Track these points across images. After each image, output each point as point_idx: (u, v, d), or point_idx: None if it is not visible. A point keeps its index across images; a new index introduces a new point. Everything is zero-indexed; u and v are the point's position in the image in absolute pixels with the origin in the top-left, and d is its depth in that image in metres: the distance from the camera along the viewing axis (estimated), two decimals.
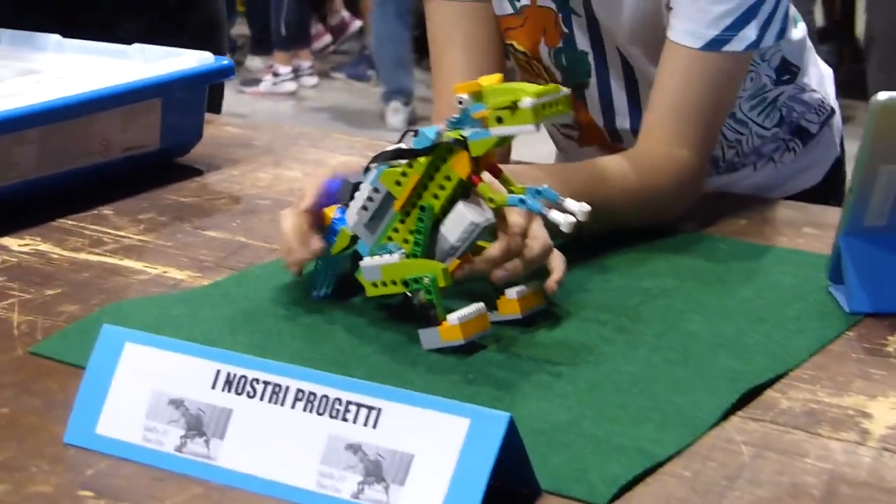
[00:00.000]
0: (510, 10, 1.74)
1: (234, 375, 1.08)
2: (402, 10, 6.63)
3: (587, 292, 1.42)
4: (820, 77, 1.89)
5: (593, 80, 1.76)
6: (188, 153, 1.89)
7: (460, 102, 1.24)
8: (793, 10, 1.73)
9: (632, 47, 1.69)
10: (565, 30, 1.72)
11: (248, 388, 1.08)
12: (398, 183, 1.28)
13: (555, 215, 1.22)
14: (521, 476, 1.04)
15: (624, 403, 1.18)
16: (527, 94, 1.20)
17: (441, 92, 1.74)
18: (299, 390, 1.06)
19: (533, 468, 1.03)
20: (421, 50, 6.94)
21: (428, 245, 1.29)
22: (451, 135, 1.26)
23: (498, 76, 1.27)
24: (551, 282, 1.35)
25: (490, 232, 1.29)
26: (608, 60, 1.74)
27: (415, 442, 1.01)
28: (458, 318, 1.26)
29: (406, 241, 1.29)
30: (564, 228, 1.21)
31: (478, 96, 1.24)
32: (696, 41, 1.58)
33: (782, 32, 1.63)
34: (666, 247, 1.55)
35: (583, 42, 1.73)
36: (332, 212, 1.36)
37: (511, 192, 1.27)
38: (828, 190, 1.88)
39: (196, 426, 1.08)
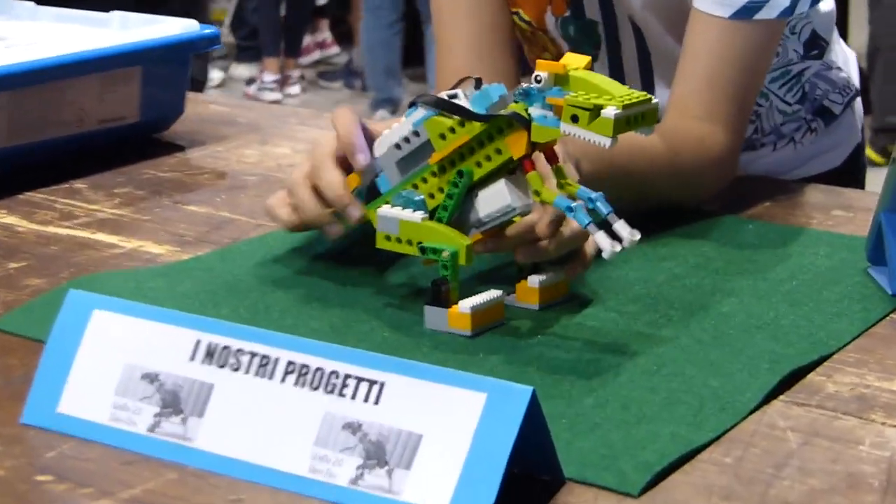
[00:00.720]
0: None
1: (216, 346, 0.96)
2: (393, 19, 6.54)
3: (605, 275, 1.29)
4: (845, 56, 1.78)
5: (603, 52, 1.65)
6: (169, 129, 1.77)
7: (538, 80, 1.11)
8: None
9: (648, 15, 1.58)
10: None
11: (231, 359, 0.95)
12: (443, 136, 1.16)
13: (601, 239, 1.08)
14: (544, 461, 0.91)
15: (654, 386, 1.06)
16: (614, 100, 1.07)
17: (444, 63, 1.62)
18: (290, 362, 0.94)
19: (557, 453, 0.91)
20: (405, 59, 6.89)
21: (456, 215, 1.17)
22: (516, 108, 1.13)
23: (586, 59, 1.13)
24: (576, 265, 1.22)
25: (522, 214, 1.17)
26: (619, 31, 1.62)
27: (423, 420, 0.88)
28: (471, 307, 1.15)
29: (432, 195, 1.18)
30: (606, 255, 1.08)
31: (560, 80, 1.11)
32: (725, 10, 1.46)
33: None
34: (688, 229, 1.42)
35: (592, 10, 1.61)
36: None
37: (561, 187, 1.14)
38: (848, 174, 1.76)
39: (172, 403, 0.96)
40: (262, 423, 0.93)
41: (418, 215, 1.16)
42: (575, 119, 1.07)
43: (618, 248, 1.07)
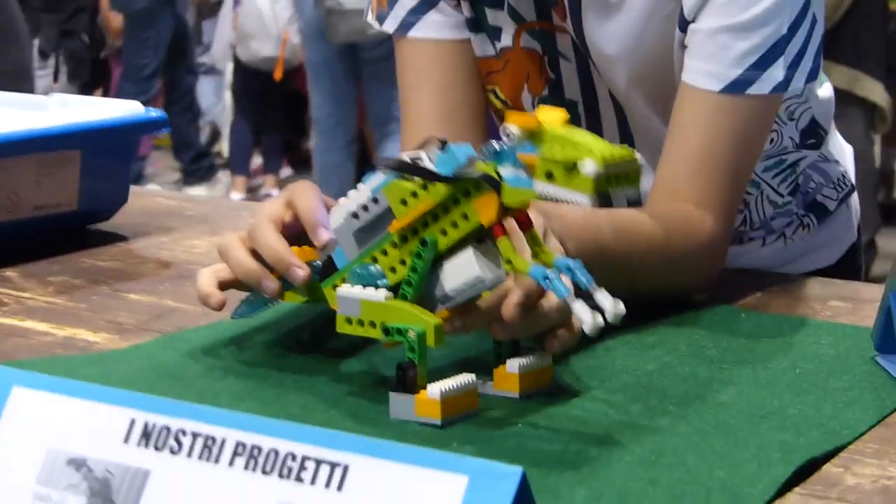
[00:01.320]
0: (491, 52, 1.51)
1: (154, 426, 0.83)
2: (348, 140, 6.46)
3: (588, 363, 1.17)
4: (841, 149, 1.68)
5: None
6: (110, 219, 1.64)
7: (508, 135, 0.99)
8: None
9: (633, 93, 1.47)
10: (552, 75, 1.51)
11: (171, 441, 0.82)
12: (404, 202, 1.03)
13: (581, 311, 0.96)
14: None
15: (654, 478, 0.93)
16: (593, 155, 0.96)
17: (409, 140, 1.50)
18: (239, 443, 0.80)
19: None
20: (358, 181, 6.81)
21: (422, 289, 1.04)
22: (485, 168, 1.00)
23: (563, 115, 1.03)
24: (555, 339, 1.09)
25: (494, 287, 1.04)
26: (601, 111, 1.52)
27: None
28: (441, 392, 1.02)
29: (393, 269, 1.05)
30: (588, 329, 0.95)
31: (533, 135, 1.00)
32: (716, 83, 1.36)
33: (814, 73, 1.41)
34: (677, 318, 1.30)
35: (572, 90, 1.51)
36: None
37: (536, 255, 1.02)
38: (843, 274, 1.64)
39: (102, 492, 0.82)
40: None
41: (381, 293, 1.03)
42: (550, 176, 0.97)
43: (601, 320, 0.95)
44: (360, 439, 0.78)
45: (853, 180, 1.68)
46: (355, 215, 1.06)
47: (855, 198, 1.69)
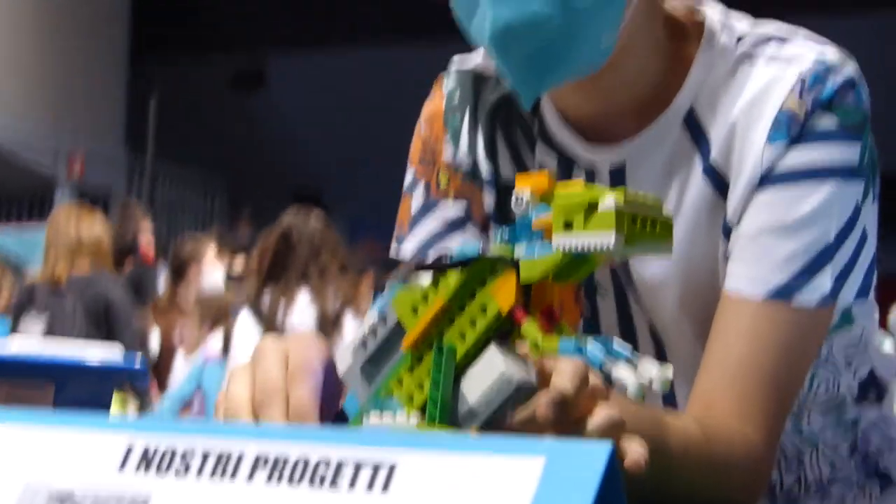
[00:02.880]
0: None
1: (156, 450, 0.69)
2: None
3: None
4: None
5: None
6: None
7: (518, 202, 0.87)
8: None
9: (682, 318, 1.36)
10: (588, 310, 1.42)
11: (176, 464, 0.68)
12: (415, 310, 0.90)
13: (622, 373, 0.83)
14: None
15: None
16: (614, 193, 0.84)
17: None
18: (259, 457, 0.67)
19: None
20: None
21: (450, 405, 0.89)
22: (498, 250, 0.88)
23: (579, 182, 0.94)
24: (633, 458, 0.90)
25: (526, 394, 0.89)
26: (639, 346, 1.41)
27: (454, 502, 0.61)
28: None
29: (412, 398, 0.90)
30: (632, 391, 0.82)
31: (546, 196, 0.86)
32: (760, 288, 1.27)
33: (864, 290, 1.32)
34: None
35: (609, 326, 1.42)
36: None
37: None
38: None
39: None
40: None
41: (413, 420, 0.89)
42: (569, 226, 0.84)
43: (644, 380, 0.82)
44: (406, 435, 0.66)
45: None
46: (363, 343, 0.93)
47: None
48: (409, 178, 1.51)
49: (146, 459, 0.69)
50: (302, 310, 4.84)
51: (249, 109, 15.49)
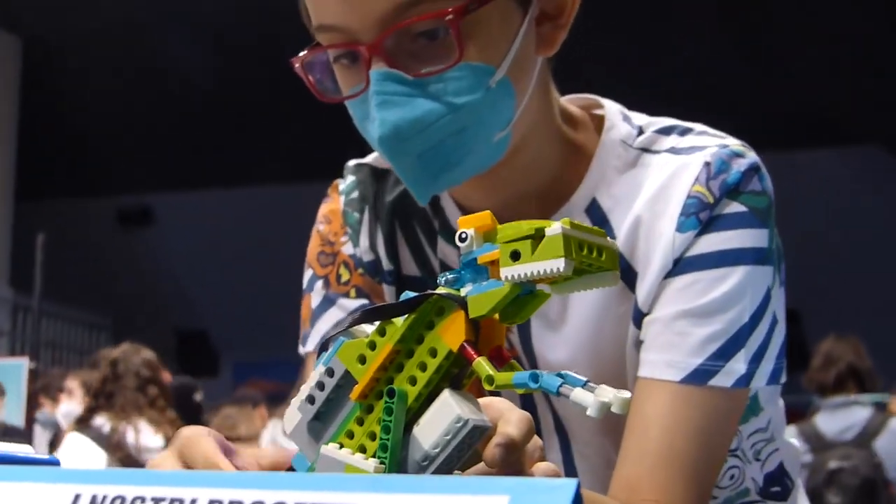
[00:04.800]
0: None
1: (104, 498, 0.67)
2: None
3: None
4: None
5: None
6: None
7: (462, 239, 0.85)
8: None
9: (602, 438, 1.36)
10: None
11: None
12: (362, 360, 0.88)
13: (582, 396, 0.81)
14: None
15: None
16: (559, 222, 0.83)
17: None
18: (213, 501, 0.65)
19: None
20: None
21: (400, 453, 0.87)
22: (444, 290, 0.87)
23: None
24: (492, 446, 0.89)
25: (479, 436, 0.87)
26: (544, 440, 1.40)
27: None
28: None
29: (363, 448, 0.88)
30: (592, 411, 0.80)
31: (489, 235, 0.85)
32: (676, 373, 1.27)
33: (776, 374, 1.32)
34: None
35: None
36: None
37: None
38: None
39: None
40: None
41: (370, 463, 0.86)
42: (516, 257, 0.82)
43: (604, 399, 0.81)
44: (364, 477, 0.64)
45: None
46: (310, 399, 0.91)
47: None
48: (307, 277, 1.50)
49: None
50: (150, 435, 4.86)
51: (136, 248, 15.39)
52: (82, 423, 5.06)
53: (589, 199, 1.36)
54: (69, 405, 6.47)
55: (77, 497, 0.67)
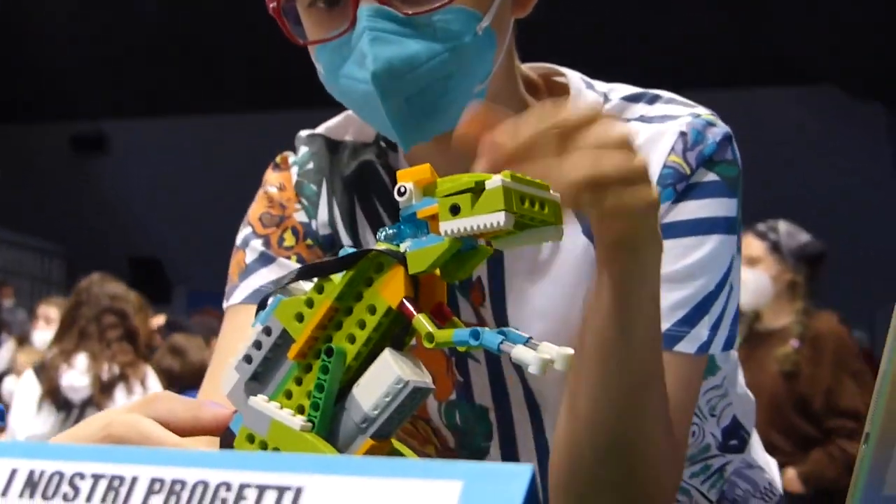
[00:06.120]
0: None
1: (42, 473, 0.65)
2: None
3: None
4: (766, 460, 1.57)
5: (495, 445, 1.40)
6: None
7: (401, 193, 0.83)
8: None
9: (560, 382, 1.32)
10: (459, 377, 1.38)
11: (65, 488, 0.64)
12: (300, 318, 0.85)
13: (523, 353, 0.79)
14: None
15: None
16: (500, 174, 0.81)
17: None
18: (155, 479, 0.63)
19: None
20: None
21: (331, 414, 0.85)
22: (383, 246, 0.84)
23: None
24: None
25: (421, 397, 0.84)
26: (514, 417, 1.38)
27: None
28: None
29: (302, 408, 0.86)
30: (533, 368, 0.78)
31: (428, 189, 0.83)
32: None
33: (730, 342, 1.31)
34: None
35: (482, 394, 1.38)
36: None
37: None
38: None
39: None
40: None
41: (297, 421, 0.84)
42: (455, 211, 0.80)
43: (545, 356, 0.78)
44: (314, 458, 0.62)
45: (780, 491, 1.56)
46: (247, 358, 0.88)
47: None
48: (242, 234, 1.45)
49: (31, 484, 0.64)
50: (82, 372, 4.81)
51: (90, 175, 15.29)
52: (37, 361, 5.04)
53: None
54: (44, 333, 6.44)
55: (13, 472, 0.65)
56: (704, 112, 1.33)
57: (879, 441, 0.97)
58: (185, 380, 5.35)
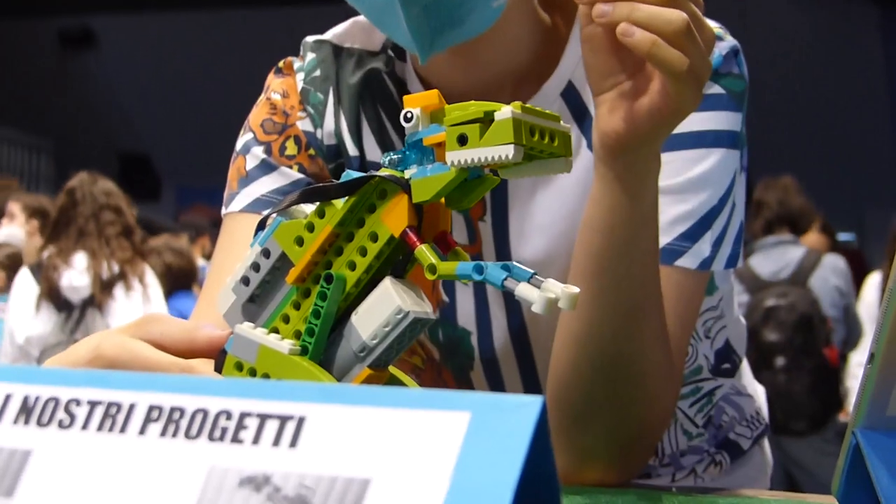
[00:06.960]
0: None
1: (37, 399, 0.63)
2: None
3: None
4: (754, 388, 1.56)
5: (477, 364, 1.38)
6: None
7: (408, 118, 0.81)
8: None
9: None
10: (445, 298, 1.37)
11: (60, 414, 0.62)
12: (300, 242, 0.84)
13: (527, 291, 0.77)
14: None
15: None
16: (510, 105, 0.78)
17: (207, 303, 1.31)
18: (153, 407, 0.61)
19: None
20: None
21: (326, 341, 0.83)
22: (387, 172, 0.82)
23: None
24: None
25: (422, 327, 0.83)
26: (495, 344, 1.37)
27: (369, 459, 0.57)
28: None
29: (299, 334, 0.85)
30: (537, 308, 0.76)
31: (436, 115, 0.81)
32: None
33: (733, 259, 1.30)
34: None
35: (465, 316, 1.37)
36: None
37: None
38: None
39: None
40: (107, 496, 0.59)
41: (286, 344, 0.83)
42: (463, 141, 0.78)
43: (550, 295, 0.77)
44: (315, 386, 0.60)
45: (766, 420, 1.55)
46: (245, 280, 0.87)
47: (767, 442, 1.57)
48: (243, 139, 1.42)
49: (26, 410, 0.63)
50: (81, 272, 4.78)
51: (78, 70, 15.18)
52: (32, 259, 5.00)
53: (564, 83, 1.32)
54: (10, 228, 6.42)
55: (8, 397, 0.63)
56: (713, 25, 1.30)
57: (884, 362, 0.96)
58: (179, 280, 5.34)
